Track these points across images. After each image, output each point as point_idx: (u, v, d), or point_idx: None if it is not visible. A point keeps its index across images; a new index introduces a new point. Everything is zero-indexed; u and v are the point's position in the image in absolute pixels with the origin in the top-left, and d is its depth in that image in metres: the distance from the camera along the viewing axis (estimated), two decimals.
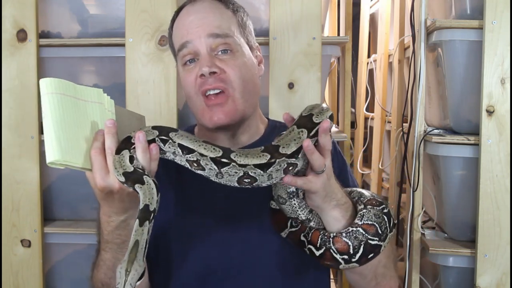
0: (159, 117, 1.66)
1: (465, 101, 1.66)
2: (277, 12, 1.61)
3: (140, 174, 0.86)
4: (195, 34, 1.06)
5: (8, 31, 1.68)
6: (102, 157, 0.88)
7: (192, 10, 1.09)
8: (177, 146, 0.90)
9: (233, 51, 1.07)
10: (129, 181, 0.86)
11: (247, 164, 0.86)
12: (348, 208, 0.97)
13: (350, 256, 0.95)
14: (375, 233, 0.95)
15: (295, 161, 0.87)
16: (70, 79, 1.89)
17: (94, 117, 0.92)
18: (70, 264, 1.83)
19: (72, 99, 0.90)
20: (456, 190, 1.69)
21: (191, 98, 1.09)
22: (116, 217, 0.94)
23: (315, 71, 1.61)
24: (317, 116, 0.89)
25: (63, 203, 1.82)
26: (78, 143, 0.88)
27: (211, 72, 1.04)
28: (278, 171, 0.87)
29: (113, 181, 0.87)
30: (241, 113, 1.07)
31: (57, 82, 0.89)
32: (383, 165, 2.72)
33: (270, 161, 0.86)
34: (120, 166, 0.86)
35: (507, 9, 1.55)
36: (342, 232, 0.95)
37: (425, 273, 1.82)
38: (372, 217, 0.96)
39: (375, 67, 2.83)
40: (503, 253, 1.59)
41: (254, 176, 0.87)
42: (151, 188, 0.85)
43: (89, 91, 0.93)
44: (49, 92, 0.87)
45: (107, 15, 1.78)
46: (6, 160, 1.71)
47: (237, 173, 0.87)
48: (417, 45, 1.72)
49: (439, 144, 1.66)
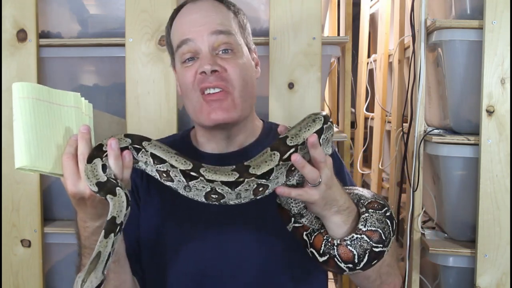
0: (159, 117, 1.66)
1: (465, 101, 1.66)
2: (277, 12, 1.61)
3: (113, 185, 0.86)
4: (197, 32, 1.06)
5: (8, 31, 1.68)
6: (73, 163, 0.87)
7: (195, 8, 1.09)
8: (149, 156, 0.90)
9: (234, 51, 1.07)
10: (102, 191, 0.85)
11: (214, 180, 0.86)
12: (350, 213, 0.95)
13: (354, 264, 0.94)
14: (379, 240, 0.94)
15: (266, 182, 0.87)
16: (70, 79, 1.90)
17: (69, 122, 0.91)
18: (70, 264, 1.82)
19: (45, 104, 0.88)
20: (456, 190, 1.69)
21: (187, 95, 1.08)
22: (91, 222, 0.93)
23: (315, 71, 1.61)
24: (292, 138, 0.88)
25: (63, 203, 1.82)
26: (49, 148, 0.87)
27: (212, 70, 1.03)
28: (247, 191, 0.87)
29: (84, 188, 0.87)
30: (239, 112, 1.07)
31: (30, 87, 0.87)
32: (383, 165, 2.72)
33: (239, 179, 0.86)
34: (93, 176, 0.85)
35: (507, 9, 1.55)
36: (346, 240, 0.94)
37: (425, 273, 1.82)
38: (375, 222, 0.94)
39: (375, 67, 2.83)
40: (503, 253, 1.59)
41: (222, 193, 0.87)
42: (122, 201, 0.85)
43: (65, 95, 0.91)
44: (21, 97, 0.87)
45: (107, 15, 1.78)
46: (6, 160, 1.71)
47: (205, 187, 0.87)
48: (417, 45, 1.72)
49: (439, 144, 1.66)
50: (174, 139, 1.22)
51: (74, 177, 0.87)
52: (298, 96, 1.62)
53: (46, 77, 1.76)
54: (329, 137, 0.93)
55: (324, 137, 0.91)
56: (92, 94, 1.79)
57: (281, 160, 0.87)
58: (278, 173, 0.88)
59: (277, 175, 0.87)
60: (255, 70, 1.14)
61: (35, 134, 0.86)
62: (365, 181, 3.14)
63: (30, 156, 0.84)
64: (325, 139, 0.92)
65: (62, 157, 0.88)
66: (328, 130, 0.92)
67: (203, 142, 1.15)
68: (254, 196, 0.88)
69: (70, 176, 0.88)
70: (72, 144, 0.89)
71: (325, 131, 0.91)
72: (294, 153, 0.86)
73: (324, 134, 0.91)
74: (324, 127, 0.91)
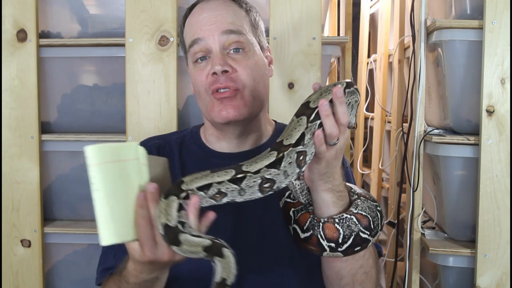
0: (159, 117, 1.66)
1: (465, 101, 1.66)
2: (277, 12, 1.61)
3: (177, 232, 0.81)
4: (209, 31, 1.06)
5: (8, 31, 1.68)
6: (150, 227, 0.82)
7: (206, 7, 1.09)
8: (197, 190, 0.86)
9: (245, 50, 1.07)
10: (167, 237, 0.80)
11: (260, 169, 0.85)
12: (342, 197, 0.93)
13: (337, 245, 0.92)
14: (367, 226, 0.92)
15: (303, 148, 0.85)
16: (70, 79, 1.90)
17: (134, 177, 0.85)
18: (70, 264, 1.83)
19: (117, 164, 0.82)
20: (456, 190, 1.69)
21: (200, 95, 1.09)
22: (147, 275, 0.89)
23: (315, 71, 1.61)
24: (314, 101, 0.86)
25: (63, 203, 1.82)
26: (128, 213, 0.82)
27: (223, 70, 1.03)
28: (291, 165, 0.85)
29: (162, 253, 0.82)
30: (249, 110, 1.06)
31: (104, 149, 0.81)
32: (383, 165, 2.72)
33: (279, 156, 0.85)
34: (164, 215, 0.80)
35: (507, 9, 1.55)
36: (335, 218, 0.92)
37: (425, 273, 1.82)
38: (366, 209, 0.93)
39: (375, 67, 2.83)
40: (503, 253, 1.59)
41: (272, 178, 0.85)
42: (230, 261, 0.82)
43: (127, 147, 0.86)
44: (99, 163, 0.80)
45: (107, 15, 1.78)
46: (6, 160, 1.71)
47: (256, 181, 0.85)
48: (417, 45, 1.72)
49: (439, 144, 1.66)
50: (183, 134, 1.21)
51: (152, 243, 0.82)
52: (298, 96, 1.62)
53: (46, 77, 1.76)
54: (352, 102, 0.90)
55: (346, 100, 0.88)
56: (92, 94, 1.79)
57: (309, 122, 0.86)
58: (310, 135, 0.86)
59: (310, 137, 0.86)
60: (268, 68, 1.14)
61: (117, 204, 0.80)
62: (365, 181, 3.14)
63: (117, 231, 0.79)
64: (348, 103, 0.89)
65: (137, 221, 0.82)
66: (351, 95, 0.89)
67: (212, 141, 1.15)
68: (299, 168, 0.86)
69: (148, 242, 0.82)
70: (143, 205, 0.82)
71: (347, 95, 0.88)
72: (323, 99, 0.84)
73: (346, 97, 0.88)
74: (346, 91, 0.88)
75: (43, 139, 1.73)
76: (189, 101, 1.74)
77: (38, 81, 1.69)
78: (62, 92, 1.80)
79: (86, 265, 1.80)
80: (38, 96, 1.70)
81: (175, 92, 1.65)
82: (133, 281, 0.92)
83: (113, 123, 1.78)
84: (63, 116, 1.80)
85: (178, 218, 0.82)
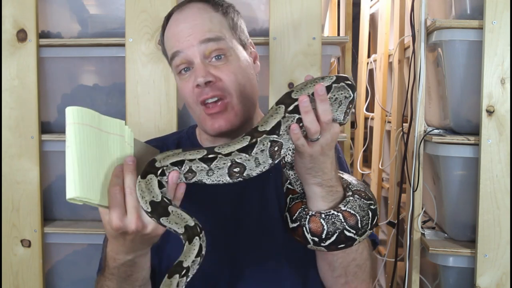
0: (159, 117, 1.66)
1: (465, 101, 1.66)
2: (277, 12, 1.61)
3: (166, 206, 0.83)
4: (187, 43, 1.04)
5: (8, 31, 1.68)
6: (121, 195, 0.84)
7: (181, 18, 1.07)
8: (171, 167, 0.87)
9: (227, 56, 1.06)
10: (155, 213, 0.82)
11: (231, 152, 0.85)
12: (332, 193, 0.92)
13: (320, 240, 0.91)
14: (354, 225, 0.90)
15: (278, 138, 0.85)
16: (70, 79, 1.90)
17: (115, 150, 0.88)
18: (70, 264, 1.83)
19: (96, 131, 0.85)
20: (456, 190, 1.69)
21: (190, 107, 1.09)
22: (123, 255, 0.91)
23: (315, 71, 1.61)
24: (297, 92, 0.85)
25: (63, 203, 1.82)
26: (97, 178, 0.84)
27: (206, 81, 1.03)
28: (263, 153, 0.85)
29: (130, 222, 0.83)
30: (241, 118, 1.07)
31: (84, 112, 0.84)
32: (383, 165, 2.72)
33: (252, 141, 0.84)
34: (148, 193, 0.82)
35: (507, 9, 1.55)
36: (322, 213, 0.91)
37: (425, 273, 1.82)
38: (357, 207, 0.91)
39: (375, 67, 2.83)
40: (503, 253, 1.59)
41: (242, 163, 0.85)
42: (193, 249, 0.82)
43: (112, 122, 0.89)
44: (75, 123, 0.83)
45: (107, 15, 1.78)
46: (6, 160, 1.71)
47: (225, 163, 0.85)
48: (417, 45, 1.72)
49: (439, 144, 1.66)
50: (180, 135, 1.22)
51: (121, 210, 0.83)
52: None
53: (46, 77, 1.76)
54: (340, 98, 0.87)
55: (332, 96, 0.85)
56: (92, 94, 1.79)
57: (287, 112, 0.84)
58: (286, 126, 0.85)
59: (285, 128, 0.85)
60: (254, 65, 1.13)
61: (87, 163, 0.82)
62: (365, 181, 3.14)
63: (82, 187, 0.81)
64: (334, 99, 0.86)
65: (109, 188, 0.84)
66: (339, 91, 0.86)
67: (207, 144, 1.16)
68: (272, 159, 0.86)
69: (117, 209, 0.83)
70: (118, 175, 0.85)
71: (333, 90, 0.86)
72: (303, 95, 0.83)
73: (332, 92, 0.85)
74: (333, 86, 0.85)
75: (43, 139, 1.73)
76: None
77: (38, 81, 1.69)
78: (62, 92, 1.80)
79: (86, 265, 1.80)
80: (38, 96, 1.70)
81: (175, 92, 1.65)
82: (112, 265, 0.93)
83: None
84: (63, 116, 1.79)
85: (161, 194, 0.84)
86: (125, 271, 0.94)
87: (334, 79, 0.86)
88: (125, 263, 0.92)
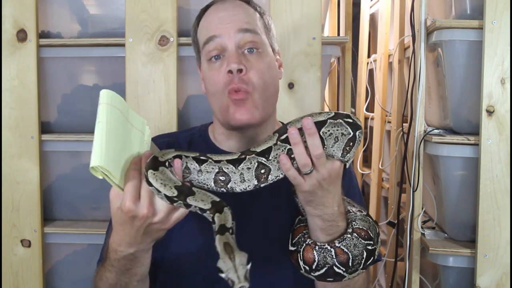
0: (159, 117, 1.66)
1: (465, 101, 1.66)
2: (277, 12, 1.61)
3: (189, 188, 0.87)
4: (225, 29, 1.06)
5: (8, 31, 1.68)
6: (139, 180, 0.86)
7: (222, 7, 1.10)
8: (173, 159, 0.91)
9: (259, 51, 1.07)
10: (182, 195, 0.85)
11: (221, 160, 0.89)
12: (333, 227, 0.93)
13: (310, 269, 0.93)
14: (344, 263, 0.91)
15: (267, 162, 0.88)
16: (70, 79, 1.90)
17: (135, 143, 0.92)
18: (70, 264, 1.83)
19: (124, 118, 0.89)
20: (456, 190, 1.69)
21: (215, 95, 1.08)
22: (125, 248, 0.91)
23: (315, 71, 1.61)
24: (293, 123, 0.88)
25: (63, 203, 1.82)
26: (120, 159, 0.87)
27: (238, 69, 1.03)
28: (249, 171, 0.88)
29: (142, 206, 0.85)
30: (261, 113, 1.07)
31: (118, 98, 0.88)
32: (383, 165, 2.72)
33: (241, 157, 0.88)
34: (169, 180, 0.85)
35: (507, 9, 1.55)
36: (317, 245, 0.93)
37: (425, 273, 1.82)
38: (351, 246, 0.92)
39: (375, 67, 2.83)
40: (503, 253, 1.59)
41: (227, 173, 0.89)
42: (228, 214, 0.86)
43: (137, 118, 0.93)
44: (109, 103, 0.86)
45: (107, 15, 1.78)
46: (6, 160, 1.71)
47: (213, 169, 0.89)
48: (417, 45, 1.72)
49: (439, 144, 1.66)
50: (192, 133, 1.22)
51: (136, 193, 0.85)
52: (298, 96, 1.62)
53: (46, 77, 1.76)
54: (336, 134, 0.88)
55: (326, 131, 0.87)
56: (92, 94, 1.79)
57: (279, 140, 0.88)
58: (276, 153, 0.88)
59: (276, 156, 0.88)
60: (278, 71, 1.15)
61: (114, 142, 0.85)
62: (365, 181, 3.14)
63: (108, 158, 0.83)
64: (328, 134, 0.88)
65: (128, 172, 0.87)
66: (335, 127, 0.88)
67: (221, 140, 1.15)
68: (257, 181, 0.89)
69: (132, 191, 0.85)
70: (137, 162, 0.88)
71: (328, 125, 0.87)
72: (293, 127, 0.85)
73: (326, 127, 0.87)
74: (328, 121, 0.87)
75: (43, 139, 1.73)
76: (189, 101, 1.74)
77: (38, 81, 1.69)
78: (62, 92, 1.80)
79: (86, 265, 1.80)
80: (38, 96, 1.70)
81: (175, 92, 1.65)
82: (114, 257, 0.94)
83: None
84: (63, 116, 1.80)
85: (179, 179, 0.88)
86: (125, 264, 0.94)
87: (332, 115, 0.88)
88: (126, 256, 0.92)
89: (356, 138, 0.90)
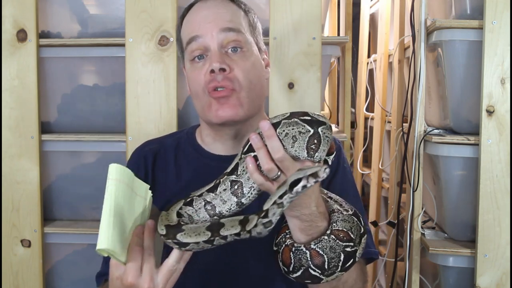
0: (159, 117, 1.66)
1: (465, 101, 1.66)
2: (277, 12, 1.61)
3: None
4: (207, 29, 1.05)
5: (8, 31, 1.68)
6: (140, 257, 0.86)
7: (205, 6, 1.08)
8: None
9: (243, 50, 1.06)
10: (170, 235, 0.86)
11: (202, 192, 0.93)
12: (312, 228, 0.90)
13: (288, 271, 0.92)
14: (319, 265, 0.88)
15: (237, 178, 0.90)
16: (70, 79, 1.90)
17: (137, 210, 0.92)
18: (70, 264, 1.83)
19: (130, 191, 0.90)
20: (456, 190, 1.69)
21: (197, 95, 1.08)
22: None
23: (315, 71, 1.61)
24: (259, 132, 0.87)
25: (63, 203, 1.82)
26: (124, 235, 0.88)
27: (221, 68, 1.02)
28: (226, 192, 0.91)
29: (143, 281, 0.85)
30: (246, 111, 1.05)
31: (124, 171, 0.89)
32: (383, 165, 2.72)
33: (216, 182, 0.92)
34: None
35: (507, 9, 1.55)
36: (294, 246, 0.91)
37: (425, 273, 1.82)
38: (327, 248, 0.89)
39: (375, 67, 2.83)
40: (503, 253, 1.59)
41: (211, 201, 0.92)
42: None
43: (141, 185, 0.94)
44: (116, 179, 0.87)
45: (107, 15, 1.78)
46: (6, 160, 1.71)
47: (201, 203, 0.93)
48: (417, 45, 1.72)
49: (439, 144, 1.66)
50: (179, 136, 1.21)
51: (138, 268, 0.85)
52: (298, 96, 1.62)
53: (46, 77, 1.76)
54: (292, 133, 0.85)
55: (281, 131, 0.84)
56: (92, 94, 1.79)
57: (242, 153, 0.89)
58: (243, 166, 0.89)
59: (243, 168, 0.89)
60: (265, 70, 1.13)
61: (119, 219, 0.86)
62: (365, 181, 3.15)
63: (113, 241, 0.84)
64: (284, 134, 0.85)
65: (131, 246, 0.87)
66: (289, 126, 0.85)
67: (208, 142, 1.14)
68: (236, 197, 0.90)
69: (135, 266, 0.85)
70: (140, 235, 0.88)
71: (282, 125, 0.85)
72: (253, 133, 0.85)
73: (281, 128, 0.85)
74: (282, 122, 0.85)
75: (43, 139, 1.73)
76: (189, 101, 1.74)
77: (38, 81, 1.69)
78: (62, 92, 1.80)
79: (86, 265, 1.80)
80: (38, 96, 1.70)
81: (175, 92, 1.65)
82: None
83: (113, 123, 1.78)
84: (63, 116, 1.80)
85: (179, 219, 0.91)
86: None
87: (287, 115, 0.86)
88: None
89: (320, 134, 0.86)
